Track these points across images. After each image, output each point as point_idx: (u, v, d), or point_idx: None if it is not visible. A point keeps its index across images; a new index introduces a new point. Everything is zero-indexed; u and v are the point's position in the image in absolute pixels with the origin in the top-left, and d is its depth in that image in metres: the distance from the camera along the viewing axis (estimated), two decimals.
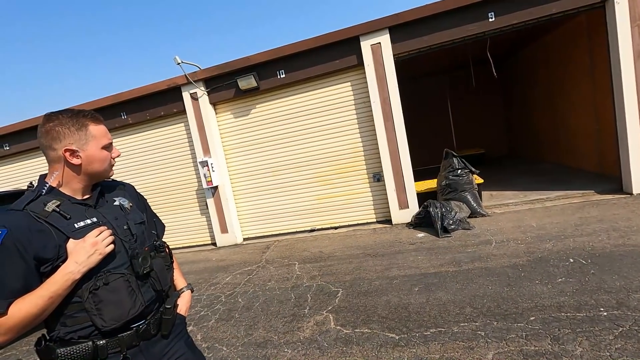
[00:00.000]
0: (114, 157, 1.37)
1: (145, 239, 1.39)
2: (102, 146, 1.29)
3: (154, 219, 1.56)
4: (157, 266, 1.36)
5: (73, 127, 1.23)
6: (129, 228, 1.33)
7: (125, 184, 1.52)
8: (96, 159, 1.27)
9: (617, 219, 4.39)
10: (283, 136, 6.58)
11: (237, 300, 4.11)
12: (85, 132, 1.25)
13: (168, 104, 6.88)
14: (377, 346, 2.73)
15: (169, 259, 1.46)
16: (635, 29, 4.89)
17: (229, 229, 6.89)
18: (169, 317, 1.37)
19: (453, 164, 5.81)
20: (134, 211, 1.41)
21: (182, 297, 1.55)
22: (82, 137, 1.24)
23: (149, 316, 1.32)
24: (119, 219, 1.33)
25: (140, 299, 1.27)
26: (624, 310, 2.59)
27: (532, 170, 8.53)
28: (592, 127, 6.70)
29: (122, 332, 1.24)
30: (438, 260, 4.15)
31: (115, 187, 1.45)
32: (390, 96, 5.84)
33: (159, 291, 1.35)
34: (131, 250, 1.30)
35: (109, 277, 1.21)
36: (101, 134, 1.30)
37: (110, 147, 1.34)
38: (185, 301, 1.55)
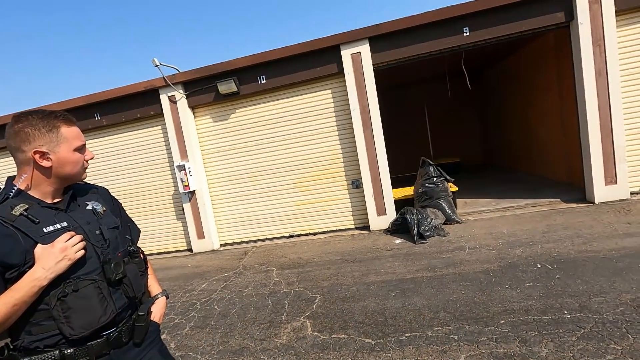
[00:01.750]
0: (87, 159, 1.33)
1: (119, 244, 1.35)
2: (75, 148, 1.25)
3: (128, 223, 1.53)
4: (131, 272, 1.32)
5: (43, 129, 1.19)
6: (102, 233, 1.29)
7: (98, 187, 1.48)
8: (68, 162, 1.24)
9: (580, 226, 4.63)
10: (263, 142, 6.56)
11: (213, 307, 4.04)
12: (56, 134, 1.21)
13: (145, 106, 6.74)
14: (353, 351, 2.75)
15: (144, 264, 1.43)
16: (597, 48, 5.22)
17: (206, 235, 6.77)
18: (142, 325, 1.34)
19: (429, 172, 5.96)
20: (108, 215, 1.38)
21: (156, 303, 1.52)
22: (53, 139, 1.21)
23: (121, 323, 1.29)
24: (91, 223, 1.29)
25: (112, 306, 1.23)
26: (586, 312, 2.73)
27: (504, 179, 8.87)
28: (560, 139, 7.06)
29: (91, 340, 1.20)
30: (414, 266, 4.24)
31: (89, 191, 1.41)
32: (369, 104, 5.95)
33: (132, 298, 1.32)
34: (103, 255, 1.26)
35: (79, 283, 1.17)
36: (73, 135, 1.26)
37: (83, 149, 1.31)
38: (159, 308, 1.52)
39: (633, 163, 5.44)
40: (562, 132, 6.94)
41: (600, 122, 5.32)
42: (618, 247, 3.80)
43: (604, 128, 5.33)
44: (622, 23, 5.25)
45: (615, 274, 3.25)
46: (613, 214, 4.86)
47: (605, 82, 5.24)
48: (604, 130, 5.34)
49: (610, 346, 2.32)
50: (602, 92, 5.27)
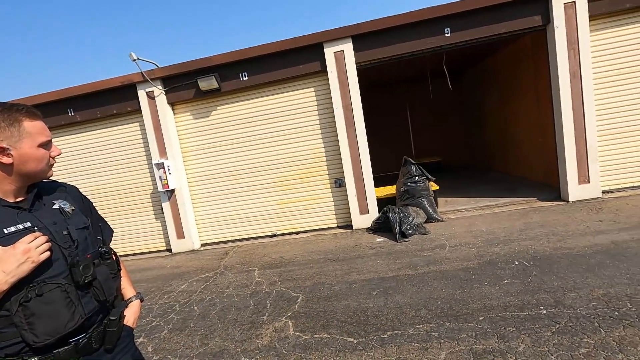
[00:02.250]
0: (53, 156, 1.25)
1: (89, 246, 1.28)
2: (39, 144, 1.18)
3: (100, 223, 1.46)
4: (101, 275, 1.27)
5: (4, 123, 1.12)
6: (69, 233, 1.22)
7: (67, 185, 1.41)
8: (31, 158, 1.16)
9: (555, 224, 4.78)
10: (245, 140, 6.47)
11: (193, 308, 3.94)
12: (18, 129, 1.14)
13: (121, 102, 6.52)
14: (335, 351, 2.73)
15: (116, 266, 1.38)
16: (571, 51, 5.39)
17: (186, 235, 6.62)
18: (114, 330, 1.29)
19: (411, 171, 6.02)
20: (76, 215, 1.30)
21: (130, 307, 1.47)
22: (14, 134, 1.13)
23: (91, 329, 1.22)
24: (58, 223, 1.22)
25: (80, 310, 1.17)
26: (561, 308, 2.81)
27: (484, 178, 9.07)
28: (536, 139, 7.27)
29: (57, 347, 1.13)
30: (396, 264, 4.26)
31: (56, 189, 1.33)
32: (352, 103, 5.95)
33: (102, 302, 1.26)
34: (71, 257, 1.19)
35: (44, 287, 1.10)
36: (38, 130, 1.18)
37: (48, 145, 1.23)
38: (133, 312, 1.47)
39: (604, 163, 5.65)
40: (538, 133, 7.14)
41: (575, 123, 5.50)
42: (590, 244, 3.93)
43: (577, 129, 5.52)
44: (594, 28, 5.44)
45: (587, 270, 3.36)
46: (586, 212, 5.03)
47: (579, 84, 5.42)
48: (578, 131, 5.52)
49: (584, 340, 2.40)
50: (576, 94, 5.45)
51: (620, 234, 4.07)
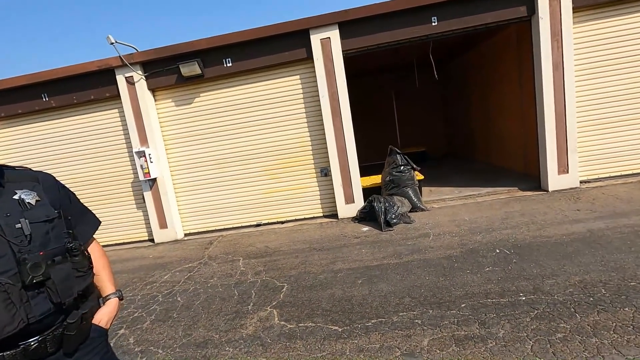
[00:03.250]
0: None
1: (50, 241, 1.18)
2: None
3: (84, 214, 1.42)
4: (58, 274, 1.16)
5: None
6: (22, 227, 1.13)
7: (41, 173, 1.32)
8: None
9: (535, 213, 4.90)
10: (229, 127, 6.34)
11: (176, 299, 3.89)
12: None
13: (99, 87, 6.26)
14: (320, 339, 2.75)
15: (86, 264, 1.29)
16: (555, 42, 5.45)
17: (169, 224, 6.50)
18: (72, 333, 1.20)
19: (397, 161, 6.04)
20: (41, 207, 1.21)
21: (105, 305, 1.39)
22: None
23: (46, 331, 1.14)
24: (12, 215, 1.13)
25: (22, 314, 1.07)
26: (539, 294, 2.89)
27: (467, 168, 9.21)
28: (518, 130, 7.40)
29: (3, 350, 1.06)
30: (381, 253, 4.30)
31: (25, 178, 1.25)
32: (338, 91, 5.89)
33: (57, 304, 1.16)
34: (20, 254, 1.10)
35: None
36: None
37: None
38: (107, 311, 1.37)
39: (583, 153, 5.80)
40: (521, 124, 7.26)
41: (556, 115, 5.61)
42: (568, 233, 4.05)
43: (558, 120, 5.63)
44: (578, 20, 5.51)
45: (565, 257, 3.47)
46: (564, 202, 5.17)
47: (561, 75, 5.51)
48: (559, 122, 5.63)
49: (561, 325, 2.47)
50: (558, 85, 5.54)
51: (596, 223, 4.20)
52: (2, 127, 6.64)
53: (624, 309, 2.55)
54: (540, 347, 2.29)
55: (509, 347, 2.33)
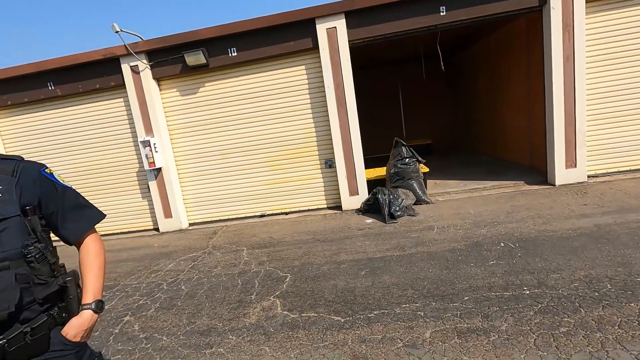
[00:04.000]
0: None
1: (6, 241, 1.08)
2: None
3: (78, 211, 1.28)
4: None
5: None
6: None
7: (26, 165, 1.21)
8: None
9: (541, 207, 4.85)
10: (233, 118, 6.32)
11: (180, 287, 3.93)
12: None
13: (104, 76, 6.26)
14: (322, 329, 2.76)
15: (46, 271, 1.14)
16: (566, 34, 5.33)
17: (174, 214, 6.54)
18: (12, 349, 1.08)
19: (402, 153, 6.00)
20: (2, 203, 1.10)
21: (78, 316, 1.22)
22: None
23: None
24: None
25: (12, 297, 1.04)
26: (544, 288, 2.87)
27: (473, 161, 9.13)
28: (526, 123, 7.30)
29: None
30: (384, 245, 4.29)
31: (2, 170, 1.15)
32: (344, 82, 5.83)
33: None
34: None
35: None
36: None
37: None
38: (77, 323, 1.20)
39: (592, 148, 5.71)
40: (528, 117, 7.16)
41: (565, 108, 5.51)
42: (574, 227, 4.01)
43: (567, 113, 5.53)
44: (590, 10, 5.37)
45: (571, 252, 3.43)
46: (571, 196, 5.11)
47: (572, 68, 5.39)
48: (568, 116, 5.54)
49: (565, 319, 2.46)
50: (569, 78, 5.43)
51: (603, 218, 4.15)
52: (8, 115, 6.67)
53: (629, 304, 2.53)
54: (543, 341, 2.28)
55: (511, 341, 2.32)
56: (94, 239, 1.35)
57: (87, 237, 1.33)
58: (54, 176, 1.27)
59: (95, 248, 1.33)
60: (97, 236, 1.37)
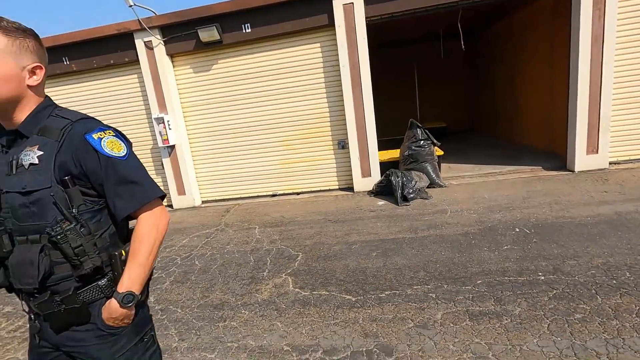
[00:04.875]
0: None
1: (26, 216, 1.04)
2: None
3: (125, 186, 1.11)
4: (16, 256, 1.05)
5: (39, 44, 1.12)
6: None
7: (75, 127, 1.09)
8: None
9: (559, 193, 4.73)
10: (247, 96, 6.26)
11: (194, 262, 4.01)
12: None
13: (118, 52, 6.23)
14: (333, 307, 2.79)
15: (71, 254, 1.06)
16: (596, 12, 5.04)
17: (187, 191, 6.62)
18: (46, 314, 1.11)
19: (417, 135, 5.88)
20: (31, 173, 1.04)
21: (109, 302, 1.13)
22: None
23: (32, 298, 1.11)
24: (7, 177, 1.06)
25: (35, 273, 1.03)
26: (559, 275, 2.83)
27: (489, 145, 8.92)
28: (546, 107, 7.05)
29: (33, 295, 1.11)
30: (396, 227, 4.28)
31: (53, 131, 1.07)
32: (360, 61, 5.69)
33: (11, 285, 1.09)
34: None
35: None
36: None
37: None
38: (107, 308, 1.13)
39: (616, 134, 5.50)
40: (549, 101, 6.91)
41: (590, 91, 5.28)
42: (593, 214, 3.91)
43: (592, 97, 5.31)
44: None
45: (589, 239, 3.36)
46: (591, 183, 4.97)
47: (600, 50, 5.13)
48: (592, 100, 5.32)
49: (580, 306, 2.43)
50: (596, 60, 5.18)
51: (624, 205, 4.03)
52: None
53: None
54: (557, 327, 2.26)
55: (524, 325, 2.31)
56: (145, 220, 1.14)
57: (139, 216, 1.15)
58: (99, 142, 1.08)
59: (142, 231, 1.13)
60: (149, 216, 1.15)
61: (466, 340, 2.24)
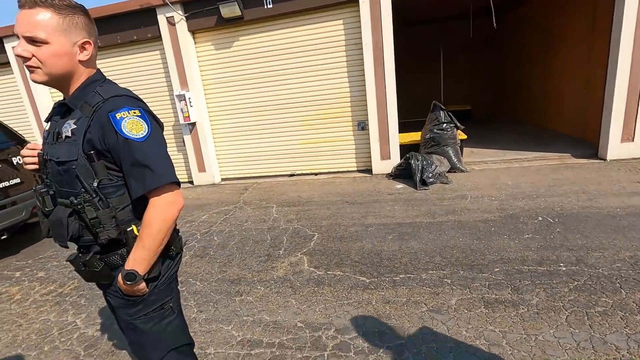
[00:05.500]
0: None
1: (61, 182, 1.16)
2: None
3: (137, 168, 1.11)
4: (54, 215, 1.16)
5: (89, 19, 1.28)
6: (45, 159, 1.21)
7: (105, 105, 1.12)
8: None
9: (587, 182, 4.53)
10: (267, 74, 6.20)
11: (213, 238, 4.11)
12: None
13: (141, 27, 6.26)
14: (347, 288, 2.82)
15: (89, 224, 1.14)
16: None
17: (207, 168, 6.74)
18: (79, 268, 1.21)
19: (440, 118, 5.71)
20: (66, 144, 1.12)
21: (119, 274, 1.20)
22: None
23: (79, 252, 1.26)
24: (47, 144, 1.21)
25: (64, 232, 1.15)
26: (582, 266, 2.74)
27: (515, 130, 8.59)
28: (580, 91, 6.66)
29: None
30: (414, 211, 4.23)
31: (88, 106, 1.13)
32: (383, 40, 5.50)
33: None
34: (45, 181, 1.24)
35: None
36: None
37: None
38: (120, 278, 1.18)
39: None
40: (584, 84, 6.52)
41: (631, 75, 4.94)
42: (624, 205, 3.73)
43: (632, 83, 4.97)
44: None
45: (616, 231, 3.22)
46: (623, 172, 4.73)
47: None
48: (632, 86, 4.99)
49: (602, 299, 2.35)
50: (639, 45, 4.81)
51: None
52: None
53: None
54: (576, 319, 2.20)
55: (541, 315, 2.27)
56: (153, 206, 1.15)
57: (150, 200, 1.15)
58: (120, 122, 1.09)
59: (149, 217, 1.14)
60: (158, 202, 1.15)
61: (480, 327, 2.22)
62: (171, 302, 1.34)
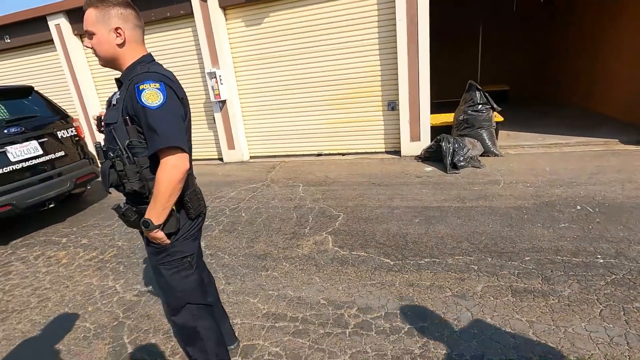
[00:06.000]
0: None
1: (109, 140, 1.44)
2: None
3: (149, 133, 1.32)
4: (104, 165, 1.46)
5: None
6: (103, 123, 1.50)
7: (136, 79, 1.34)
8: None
9: (635, 170, 4.22)
10: (296, 51, 6.12)
11: (241, 214, 4.23)
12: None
13: (174, 4, 6.31)
14: (371, 269, 2.84)
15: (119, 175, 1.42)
16: None
17: (236, 146, 6.86)
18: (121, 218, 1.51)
19: (475, 98, 5.45)
20: (113, 110, 1.42)
21: None
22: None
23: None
24: (106, 110, 1.50)
25: (106, 180, 1.45)
26: (622, 259, 2.60)
27: (557, 113, 8.07)
28: (635, 71, 6.10)
29: None
30: (442, 195, 4.13)
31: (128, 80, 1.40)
32: (418, 14, 5.24)
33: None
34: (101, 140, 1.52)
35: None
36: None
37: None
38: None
39: None
40: (639, 64, 5.95)
41: None
42: None
43: None
44: None
45: None
46: None
47: None
48: None
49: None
50: None
51: None
52: None
53: None
54: (611, 313, 2.11)
55: (573, 308, 2.19)
56: (161, 166, 1.34)
57: (160, 160, 1.34)
58: (140, 92, 1.30)
59: (158, 175, 1.34)
60: (165, 163, 1.33)
61: (506, 315, 2.18)
62: (190, 257, 1.57)
